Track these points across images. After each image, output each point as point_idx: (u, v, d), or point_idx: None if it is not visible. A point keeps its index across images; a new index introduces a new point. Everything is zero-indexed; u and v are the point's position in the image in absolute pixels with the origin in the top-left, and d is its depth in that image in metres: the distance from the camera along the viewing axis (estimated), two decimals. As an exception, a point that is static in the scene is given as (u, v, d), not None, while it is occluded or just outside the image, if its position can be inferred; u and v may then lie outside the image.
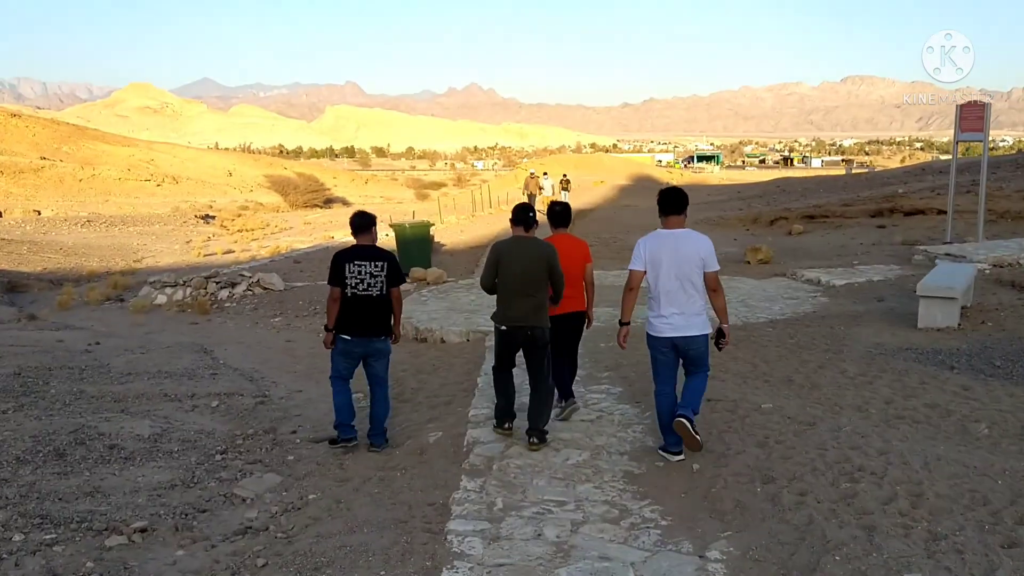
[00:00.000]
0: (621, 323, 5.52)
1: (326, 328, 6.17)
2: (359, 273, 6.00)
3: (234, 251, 28.88)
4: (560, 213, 6.49)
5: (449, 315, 11.40)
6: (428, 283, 14.55)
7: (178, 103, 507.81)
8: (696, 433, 5.30)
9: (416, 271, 14.91)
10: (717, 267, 5.27)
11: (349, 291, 6.00)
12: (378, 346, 6.20)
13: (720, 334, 5.38)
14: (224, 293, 14.73)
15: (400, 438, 6.49)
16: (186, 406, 7.60)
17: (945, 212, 18.47)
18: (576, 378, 7.68)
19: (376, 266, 6.04)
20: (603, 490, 5.06)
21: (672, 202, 5.31)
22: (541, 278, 5.74)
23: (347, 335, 6.08)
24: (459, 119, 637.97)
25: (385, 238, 24.65)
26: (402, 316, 6.42)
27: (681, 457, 5.43)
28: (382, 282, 6.04)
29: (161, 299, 14.90)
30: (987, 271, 12.38)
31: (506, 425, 6.04)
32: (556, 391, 6.35)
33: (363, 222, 6.23)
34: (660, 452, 5.51)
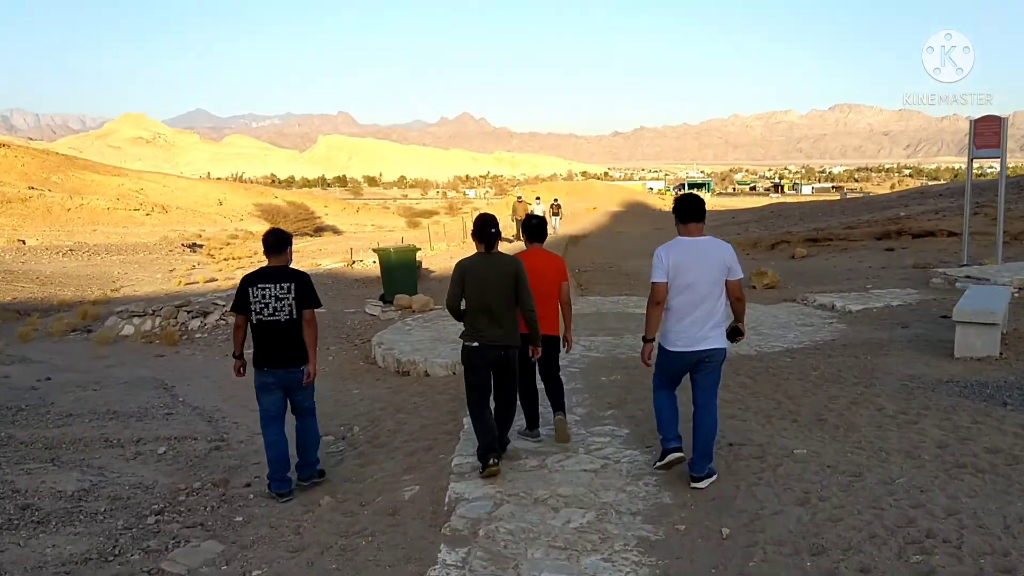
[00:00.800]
0: (646, 340, 5.06)
1: (233, 355, 5.69)
2: (263, 297, 5.42)
3: (217, 279, 27.90)
4: (535, 227, 6.11)
5: (435, 346, 10.43)
6: (413, 311, 13.60)
7: (171, 133, 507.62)
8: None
9: (401, 298, 13.96)
10: (741, 274, 5.00)
11: (255, 317, 5.45)
12: (297, 377, 5.55)
13: (736, 331, 5.10)
14: (195, 323, 13.74)
15: (370, 493, 5.50)
16: (128, 453, 6.60)
17: (956, 234, 17.67)
18: (576, 417, 6.78)
19: (282, 288, 5.42)
20: (614, 563, 4.09)
21: (692, 209, 4.96)
22: (510, 295, 5.40)
23: (262, 367, 5.49)
24: (451, 148, 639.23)
25: (371, 265, 23.72)
26: (318, 345, 5.69)
27: (680, 455, 5.08)
28: (290, 305, 5.43)
29: (128, 330, 13.90)
30: (1016, 294, 11.49)
31: (491, 462, 5.32)
32: (561, 409, 6.06)
33: (274, 241, 5.60)
34: (657, 466, 5.23)
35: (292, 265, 5.71)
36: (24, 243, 48.47)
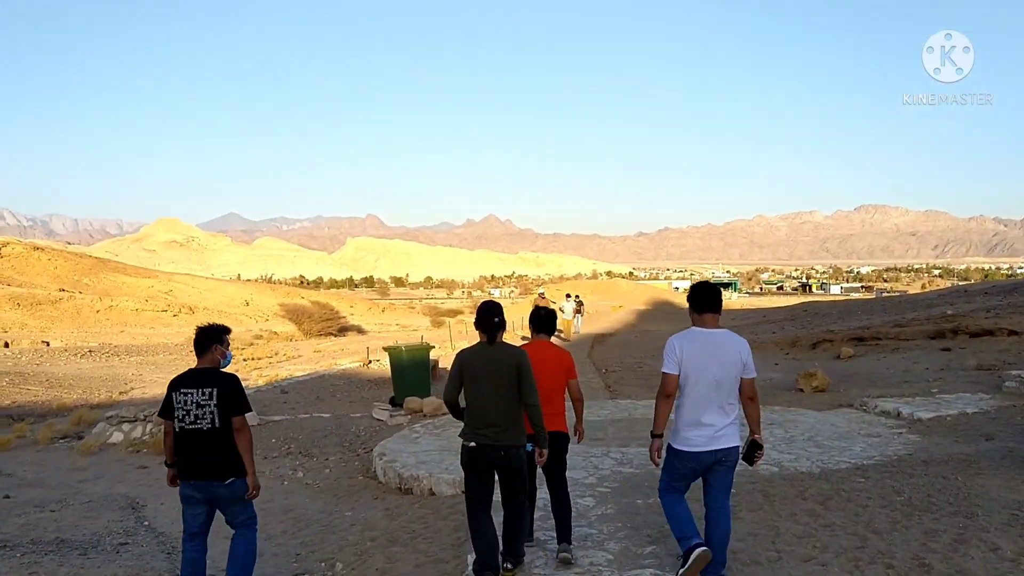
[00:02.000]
0: (653, 435, 4.78)
1: (166, 464, 5.31)
2: (185, 403, 5.04)
3: (230, 381, 26.91)
4: (544, 318, 5.73)
5: (442, 457, 9.10)
6: (424, 415, 12.33)
7: (204, 237, 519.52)
8: None
9: (411, 401, 12.71)
10: (755, 373, 4.75)
11: (177, 425, 5.08)
12: (221, 492, 5.06)
13: (755, 446, 4.76)
14: (188, 430, 12.55)
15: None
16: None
17: (1017, 332, 16.18)
18: (608, 556, 5.44)
19: (204, 394, 5.01)
20: None
21: (707, 298, 4.74)
22: (512, 387, 4.94)
23: (183, 478, 5.13)
24: (477, 249, 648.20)
25: (378, 364, 22.56)
26: (254, 459, 5.17)
27: (707, 549, 4.58)
28: (212, 413, 5.00)
29: (117, 437, 12.74)
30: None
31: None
32: (567, 538, 5.41)
33: (200, 339, 5.23)
34: (681, 573, 4.57)
35: (309, 365, 4.75)
36: (48, 344, 48.22)
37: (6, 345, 44.10)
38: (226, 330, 5.40)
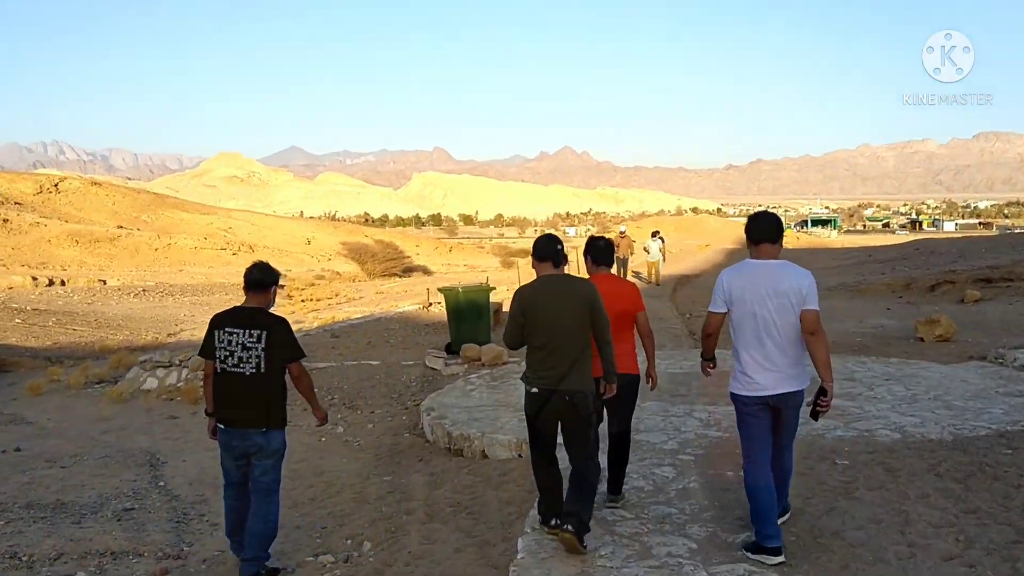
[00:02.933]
0: (704, 358, 4.92)
1: (206, 412, 5.25)
2: (229, 344, 4.97)
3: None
4: (603, 248, 5.49)
5: (499, 414, 8.40)
6: (483, 364, 11.67)
7: (265, 172, 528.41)
8: None
9: (469, 348, 12.04)
10: (817, 306, 4.50)
11: (218, 365, 5.04)
12: (256, 440, 5.00)
13: (821, 393, 4.42)
14: (226, 375, 12.26)
15: None
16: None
17: None
18: (691, 545, 4.69)
19: (251, 336, 4.92)
20: None
21: (764, 228, 4.62)
22: (581, 326, 4.66)
23: (222, 424, 5.09)
24: (551, 184, 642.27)
25: (439, 307, 22.07)
26: (315, 396, 5.33)
27: (782, 559, 4.35)
28: (258, 357, 4.92)
29: (151, 383, 12.56)
30: None
31: (554, 522, 4.64)
32: (617, 489, 5.40)
33: (257, 278, 5.13)
34: (745, 553, 4.49)
35: (370, 308, 4.31)
36: (104, 283, 49.64)
37: (62, 283, 45.51)
38: (280, 275, 5.43)
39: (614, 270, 5.75)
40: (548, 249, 4.75)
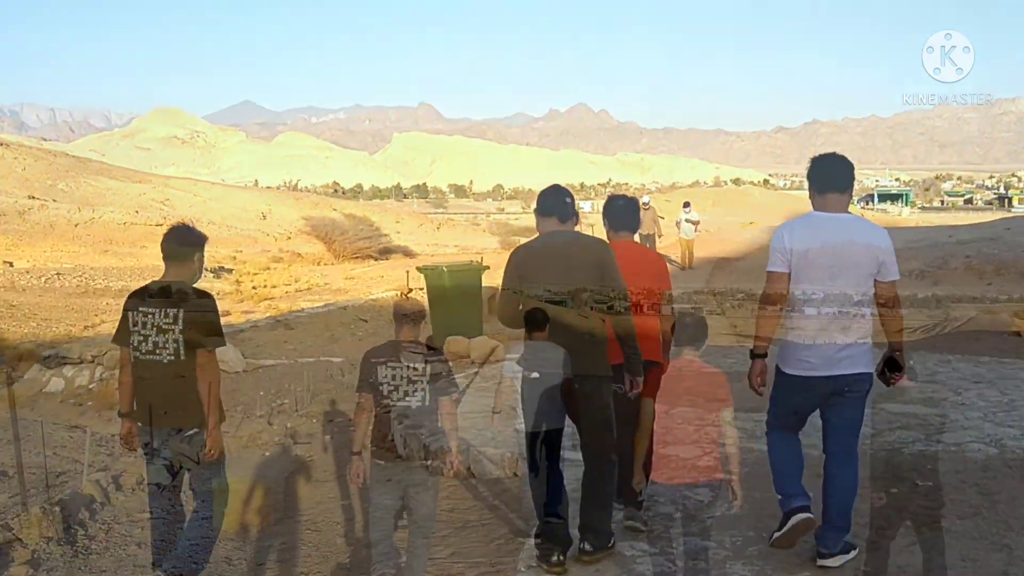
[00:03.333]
0: (755, 355, 4.84)
1: (119, 414, 5.30)
2: (144, 326, 4.98)
3: (231, 313, 27.04)
4: (623, 208, 5.54)
5: (491, 422, 8.29)
6: (472, 361, 11.61)
7: (212, 132, 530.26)
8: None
9: (454, 343, 11.93)
10: (896, 276, 4.67)
11: (132, 353, 5.06)
12: (180, 446, 5.03)
13: (892, 364, 4.67)
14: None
15: None
16: None
17: None
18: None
19: (167, 316, 4.92)
20: None
21: (833, 173, 4.75)
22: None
23: (142, 422, 5.12)
24: (562, 149, 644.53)
25: (421, 294, 21.93)
26: (222, 408, 5.15)
27: (809, 515, 4.68)
28: (176, 341, 4.93)
29: (57, 384, 12.64)
30: None
31: (556, 558, 4.68)
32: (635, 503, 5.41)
33: (175, 241, 5.17)
34: (775, 538, 4.81)
35: (336, 298, 4.49)
36: (12, 265, 49.70)
37: (-41, 266, 45.57)
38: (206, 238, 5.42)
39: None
40: (553, 201, 4.74)
